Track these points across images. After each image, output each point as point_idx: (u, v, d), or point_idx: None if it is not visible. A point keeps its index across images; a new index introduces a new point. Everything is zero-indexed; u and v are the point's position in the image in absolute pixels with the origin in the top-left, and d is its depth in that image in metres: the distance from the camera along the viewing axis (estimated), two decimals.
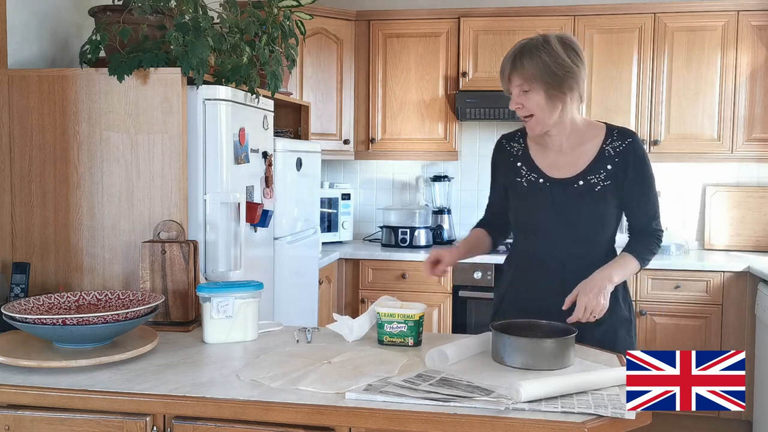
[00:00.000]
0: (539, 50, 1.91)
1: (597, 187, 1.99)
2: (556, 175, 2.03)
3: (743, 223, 4.23)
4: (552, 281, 2.00)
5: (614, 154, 2.00)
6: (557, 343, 1.66)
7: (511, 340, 1.66)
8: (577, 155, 2.02)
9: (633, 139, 2.01)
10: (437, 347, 1.70)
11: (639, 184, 2.00)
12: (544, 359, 1.64)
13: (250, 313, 1.92)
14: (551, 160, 2.05)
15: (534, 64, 1.90)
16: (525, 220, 2.09)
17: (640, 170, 2.00)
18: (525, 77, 1.91)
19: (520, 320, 1.83)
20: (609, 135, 2.03)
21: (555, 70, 1.90)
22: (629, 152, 1.99)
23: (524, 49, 1.92)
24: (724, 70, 3.94)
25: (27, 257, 2.25)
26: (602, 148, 2.01)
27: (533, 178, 2.05)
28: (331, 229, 4.30)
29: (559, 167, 2.03)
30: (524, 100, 1.94)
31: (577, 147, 2.03)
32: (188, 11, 2.16)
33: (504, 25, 4.09)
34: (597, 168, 2.00)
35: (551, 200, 2.01)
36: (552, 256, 2.02)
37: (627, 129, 2.07)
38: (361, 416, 1.42)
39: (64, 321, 1.64)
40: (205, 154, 2.28)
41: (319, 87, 4.20)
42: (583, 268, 1.94)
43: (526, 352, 1.65)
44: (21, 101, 2.23)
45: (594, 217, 2.00)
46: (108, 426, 1.51)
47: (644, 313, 3.78)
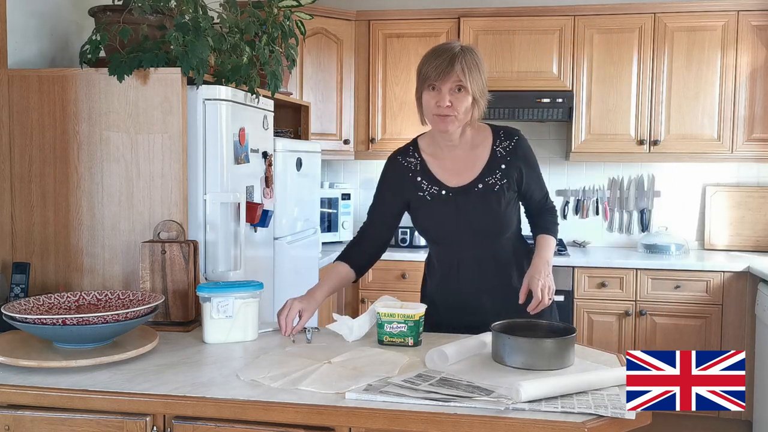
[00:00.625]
0: (473, 55, 1.98)
1: (495, 186, 2.07)
2: (455, 183, 2.08)
3: (743, 223, 4.23)
4: (473, 282, 2.09)
5: (505, 153, 2.09)
6: (557, 342, 1.66)
7: (511, 340, 1.66)
8: (472, 160, 2.09)
9: (518, 137, 2.13)
10: (437, 347, 1.70)
11: (531, 174, 2.14)
12: (545, 359, 1.64)
13: (250, 313, 1.92)
14: (448, 168, 2.10)
15: (474, 66, 1.96)
16: (435, 231, 2.15)
17: (530, 162, 2.14)
18: (467, 74, 1.95)
19: (521, 320, 1.84)
20: (497, 136, 2.11)
21: (483, 76, 2.00)
22: (518, 149, 2.10)
23: (464, 52, 1.97)
24: (724, 70, 3.94)
25: (27, 257, 2.25)
26: (493, 150, 2.10)
27: (435, 190, 2.09)
28: (331, 229, 4.30)
29: (458, 174, 2.09)
30: (455, 99, 1.97)
31: (470, 151, 2.10)
32: (188, 11, 2.16)
33: (504, 25, 4.09)
34: (492, 169, 2.08)
35: (456, 208, 2.07)
36: (467, 259, 2.10)
37: (510, 128, 2.16)
38: (361, 416, 1.42)
39: (64, 321, 1.64)
40: (205, 154, 2.28)
41: (319, 87, 4.20)
42: (501, 263, 2.10)
43: (526, 352, 1.65)
44: (21, 101, 2.23)
45: (499, 215, 2.07)
46: (108, 426, 1.51)
47: (644, 312, 3.78)
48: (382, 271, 4.02)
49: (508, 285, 2.08)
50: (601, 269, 3.84)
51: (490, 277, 2.09)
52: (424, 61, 2.01)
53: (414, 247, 4.15)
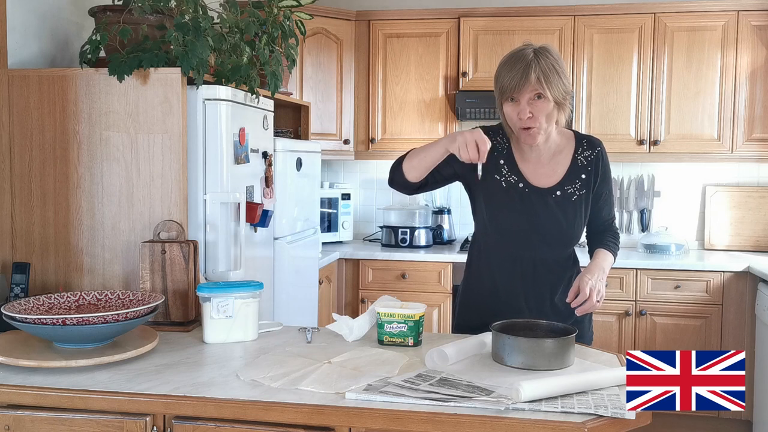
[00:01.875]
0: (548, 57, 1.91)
1: (573, 196, 2.04)
2: (535, 183, 2.05)
3: (743, 223, 4.23)
4: (523, 282, 2.06)
5: (586, 163, 2.07)
6: (557, 342, 1.66)
7: (511, 340, 1.66)
8: (554, 165, 2.06)
9: (601, 148, 2.10)
10: (437, 347, 1.70)
11: (605, 190, 2.12)
12: (544, 359, 1.64)
13: (250, 313, 1.92)
14: (531, 167, 2.07)
15: (550, 69, 1.89)
16: (498, 219, 2.07)
17: (607, 177, 2.12)
18: (544, 80, 1.88)
19: (520, 320, 1.84)
20: (579, 144, 2.09)
21: (563, 78, 1.93)
22: (599, 161, 2.08)
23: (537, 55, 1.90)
24: (724, 70, 3.94)
25: (27, 257, 2.25)
26: (575, 158, 2.07)
27: (513, 180, 2.05)
28: (331, 229, 4.30)
29: (538, 176, 2.06)
30: (534, 108, 1.91)
31: (552, 157, 2.07)
32: (188, 11, 2.16)
33: (504, 25, 4.09)
34: (572, 178, 2.05)
35: (530, 207, 2.03)
36: (524, 258, 2.06)
37: (593, 137, 2.14)
38: (361, 416, 1.42)
39: (64, 321, 1.64)
40: (205, 154, 2.28)
41: (319, 87, 4.20)
42: (554, 273, 2.07)
43: (526, 352, 1.65)
44: (21, 101, 2.23)
45: (569, 225, 2.05)
46: (108, 426, 1.51)
47: (644, 313, 3.78)
48: (382, 271, 4.02)
49: (550, 299, 2.06)
50: None
51: (540, 283, 2.05)
52: (499, 72, 1.95)
53: (414, 247, 4.15)
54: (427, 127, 4.24)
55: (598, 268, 1.98)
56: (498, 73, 1.97)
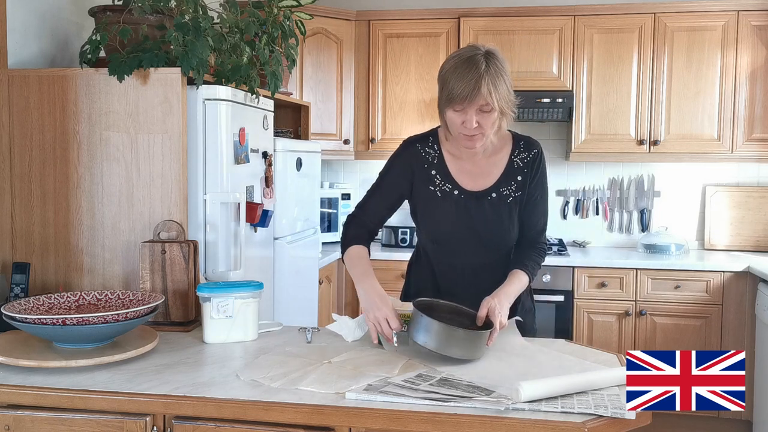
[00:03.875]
0: (497, 67, 1.84)
1: (509, 198, 2.02)
2: (469, 187, 2.02)
3: (743, 223, 4.23)
4: (465, 288, 2.04)
5: (522, 165, 2.03)
6: (468, 334, 1.70)
7: (425, 320, 1.69)
8: (490, 166, 2.03)
9: (538, 150, 2.05)
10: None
11: (536, 195, 2.05)
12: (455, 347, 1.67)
13: (250, 313, 1.92)
14: (466, 170, 2.04)
15: (500, 83, 1.84)
16: (438, 231, 2.07)
17: (540, 182, 2.05)
18: (495, 96, 1.83)
19: (446, 302, 1.88)
20: (516, 146, 2.04)
21: (509, 88, 1.88)
22: (534, 163, 2.03)
23: (488, 68, 1.83)
24: (724, 70, 3.94)
25: (27, 257, 2.25)
26: (511, 160, 2.03)
27: (447, 188, 2.03)
28: (331, 229, 4.30)
29: (473, 178, 2.03)
30: (482, 120, 1.86)
31: (489, 158, 2.04)
32: (188, 11, 2.16)
33: (504, 25, 4.09)
34: (508, 180, 2.02)
35: (465, 213, 2.02)
36: (465, 265, 2.05)
37: (531, 139, 2.08)
38: (361, 416, 1.42)
39: (64, 321, 1.64)
40: (205, 154, 2.28)
41: (319, 87, 4.20)
42: (497, 275, 1.99)
43: (436, 336, 1.67)
44: (21, 101, 2.23)
45: (506, 227, 2.03)
46: (108, 426, 1.51)
47: (644, 313, 3.78)
48: (382, 271, 4.01)
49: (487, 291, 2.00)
50: (601, 269, 3.84)
51: (484, 287, 1.95)
52: (447, 76, 1.86)
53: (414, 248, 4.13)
54: (427, 127, 4.13)
55: (505, 296, 1.88)
56: (446, 77, 1.87)
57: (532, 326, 2.16)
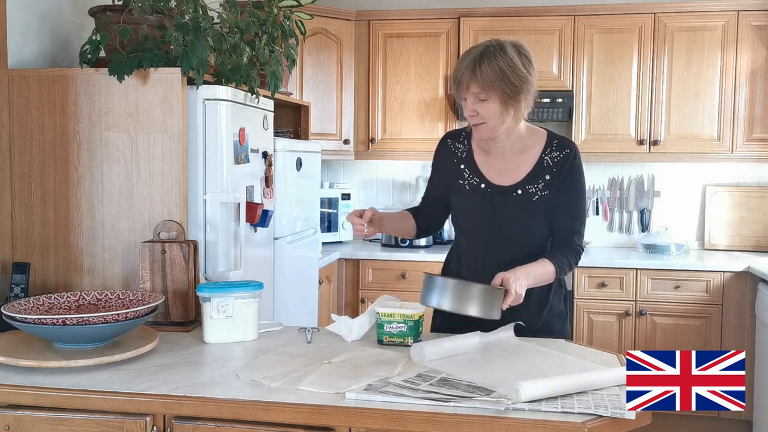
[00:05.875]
0: (496, 58, 1.87)
1: (534, 197, 2.00)
2: (497, 182, 2.03)
3: (743, 223, 4.23)
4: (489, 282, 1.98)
5: (552, 164, 2.00)
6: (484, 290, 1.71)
7: (441, 281, 1.70)
8: (518, 163, 2.03)
9: (570, 150, 2.02)
10: (420, 343, 1.72)
11: (567, 197, 2.01)
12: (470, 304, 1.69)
13: (250, 313, 1.92)
14: (494, 165, 2.05)
15: (493, 73, 1.86)
16: (466, 224, 2.11)
17: (572, 183, 2.01)
18: (483, 85, 1.87)
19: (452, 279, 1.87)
20: (549, 144, 2.03)
21: (512, 78, 1.88)
22: (565, 163, 2.00)
23: (482, 57, 1.88)
24: (724, 70, 3.94)
25: (27, 257, 2.25)
26: (541, 158, 2.02)
27: (475, 182, 2.05)
28: (331, 229, 4.30)
29: (501, 173, 2.04)
30: (479, 108, 1.91)
31: (518, 154, 2.03)
32: (188, 11, 2.16)
33: (504, 25, 4.09)
34: (536, 178, 2.00)
35: (491, 207, 2.02)
36: (491, 260, 2.01)
37: (567, 139, 2.07)
38: (361, 416, 1.42)
39: (64, 321, 1.64)
40: (205, 154, 2.28)
41: (319, 87, 4.20)
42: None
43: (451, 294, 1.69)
44: (21, 101, 2.23)
45: (531, 225, 2.02)
46: (108, 426, 1.51)
47: (644, 313, 3.78)
48: (382, 271, 4.02)
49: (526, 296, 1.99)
50: (601, 269, 3.84)
51: None
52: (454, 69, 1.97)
53: (414, 247, 4.14)
54: (427, 127, 4.24)
55: (521, 270, 1.85)
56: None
57: (561, 331, 2.09)
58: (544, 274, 1.94)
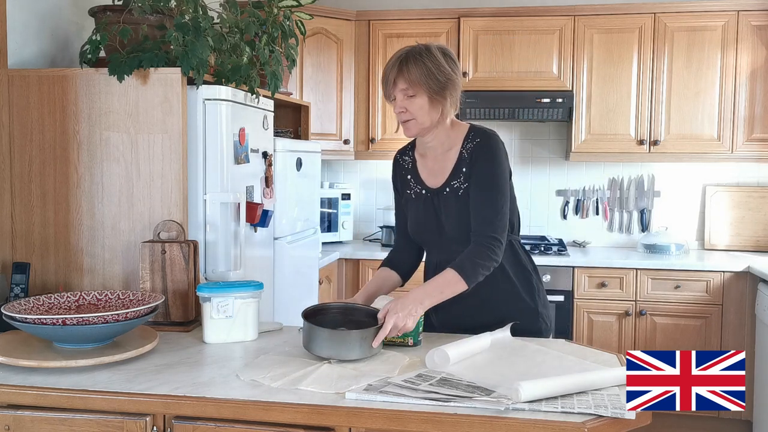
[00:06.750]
0: (422, 57, 1.93)
1: (459, 191, 2.00)
2: (431, 184, 2.06)
3: (743, 223, 4.23)
4: None
5: (467, 155, 1.99)
6: (360, 334, 1.70)
7: (316, 331, 1.69)
8: (444, 161, 2.05)
9: (481, 139, 1.99)
10: (438, 347, 1.69)
11: (478, 185, 1.96)
12: (347, 349, 1.68)
13: (250, 313, 1.92)
14: (428, 167, 2.08)
15: (419, 70, 1.92)
16: (414, 231, 2.13)
17: (482, 171, 1.96)
18: (410, 81, 1.93)
19: (336, 304, 1.91)
20: (467, 137, 2.01)
21: (437, 75, 1.93)
22: (476, 151, 1.98)
23: (409, 56, 1.95)
24: (724, 70, 3.94)
25: (27, 257, 2.25)
26: (461, 152, 2.01)
27: (418, 189, 2.09)
28: (331, 229, 4.30)
29: (434, 175, 2.06)
30: (408, 104, 1.95)
31: (446, 152, 2.05)
32: (188, 11, 2.16)
33: (504, 25, 4.09)
34: (457, 172, 2.01)
35: (432, 210, 2.05)
36: (442, 262, 2.00)
37: (484, 129, 2.03)
38: (361, 416, 1.42)
39: (64, 321, 1.64)
40: (205, 154, 2.28)
41: (319, 87, 4.20)
42: None
43: (329, 343, 1.68)
44: (21, 101, 2.23)
45: (463, 221, 1.98)
46: (108, 426, 1.51)
47: (644, 313, 3.78)
48: None
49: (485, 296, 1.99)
50: (601, 269, 3.84)
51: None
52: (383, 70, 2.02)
53: None
54: None
55: (414, 301, 1.80)
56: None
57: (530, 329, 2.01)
58: (446, 287, 1.87)
